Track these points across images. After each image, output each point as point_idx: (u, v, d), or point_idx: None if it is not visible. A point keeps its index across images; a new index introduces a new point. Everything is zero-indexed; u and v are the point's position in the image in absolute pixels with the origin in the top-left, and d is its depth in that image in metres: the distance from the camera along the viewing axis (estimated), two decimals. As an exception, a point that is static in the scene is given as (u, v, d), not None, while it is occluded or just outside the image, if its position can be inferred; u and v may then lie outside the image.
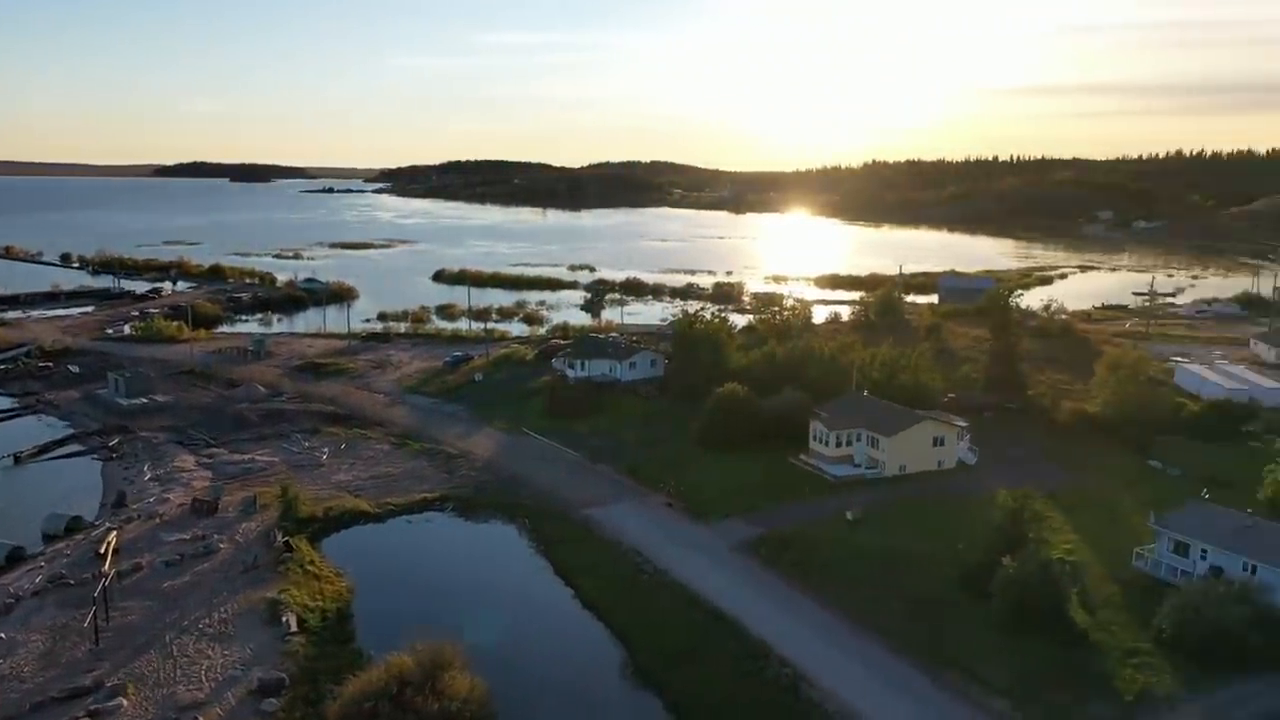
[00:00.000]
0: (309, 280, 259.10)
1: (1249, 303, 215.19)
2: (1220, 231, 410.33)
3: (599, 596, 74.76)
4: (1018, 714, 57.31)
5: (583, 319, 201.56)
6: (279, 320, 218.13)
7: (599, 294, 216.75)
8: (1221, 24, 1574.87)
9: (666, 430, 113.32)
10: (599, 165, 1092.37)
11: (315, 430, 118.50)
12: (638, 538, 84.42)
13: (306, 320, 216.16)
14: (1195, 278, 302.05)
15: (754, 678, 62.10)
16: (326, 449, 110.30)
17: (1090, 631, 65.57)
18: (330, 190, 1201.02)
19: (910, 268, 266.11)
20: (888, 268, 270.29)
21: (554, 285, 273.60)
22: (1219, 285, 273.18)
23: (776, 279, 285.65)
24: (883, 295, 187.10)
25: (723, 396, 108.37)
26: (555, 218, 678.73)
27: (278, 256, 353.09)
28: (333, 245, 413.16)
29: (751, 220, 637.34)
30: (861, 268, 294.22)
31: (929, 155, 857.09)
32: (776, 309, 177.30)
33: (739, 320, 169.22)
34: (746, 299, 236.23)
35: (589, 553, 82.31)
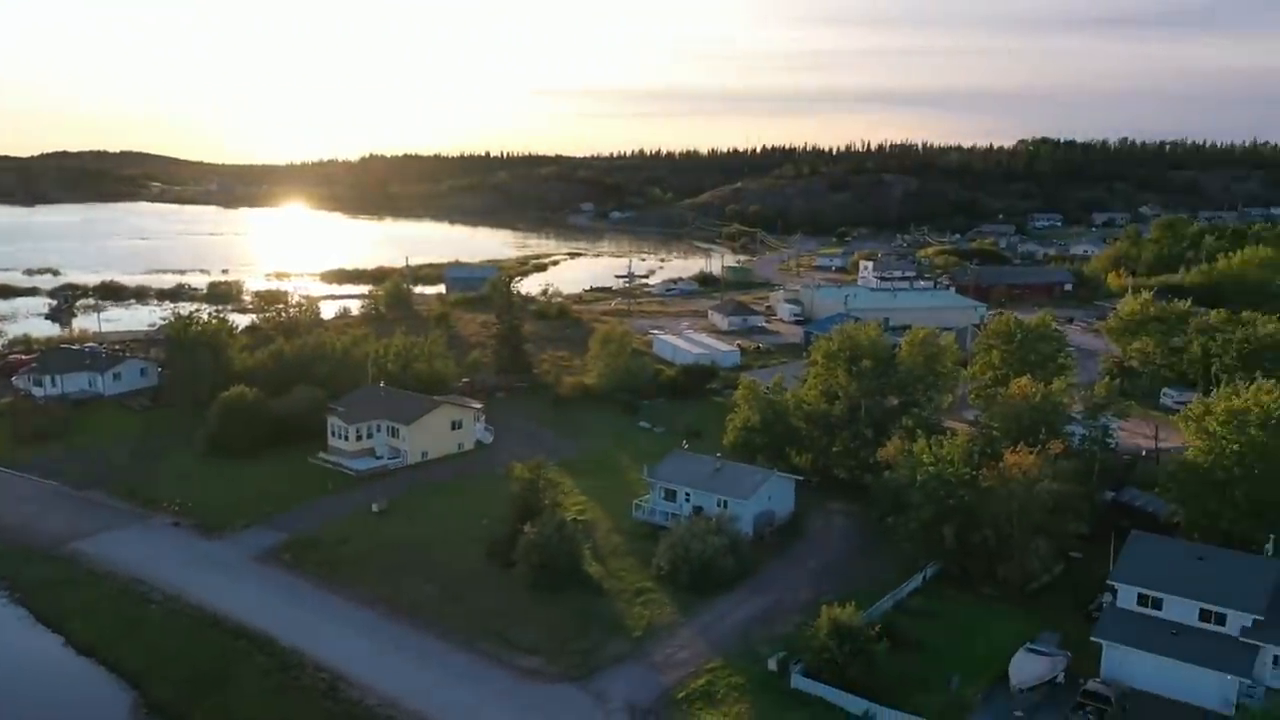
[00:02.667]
0: None
1: (705, 280, 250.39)
2: (678, 220, 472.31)
3: (97, 638, 66.57)
4: (549, 668, 61.81)
5: (50, 329, 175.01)
6: None
7: (68, 300, 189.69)
8: (681, 39, 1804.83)
9: (166, 443, 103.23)
10: (57, 155, 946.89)
11: None
12: (141, 565, 76.16)
13: None
14: (663, 260, 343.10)
15: (289, 689, 59.62)
16: None
17: (604, 581, 72.63)
18: None
19: (416, 260, 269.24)
20: (394, 260, 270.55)
21: (6, 293, 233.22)
22: (682, 266, 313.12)
23: (279, 275, 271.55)
24: (391, 287, 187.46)
25: (229, 401, 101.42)
26: (2, 214, 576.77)
27: None
28: None
29: (246, 215, 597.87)
30: (368, 261, 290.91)
31: (425, 151, 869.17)
32: (281, 306, 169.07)
33: (241, 320, 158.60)
34: (247, 298, 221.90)
35: (80, 592, 72.62)
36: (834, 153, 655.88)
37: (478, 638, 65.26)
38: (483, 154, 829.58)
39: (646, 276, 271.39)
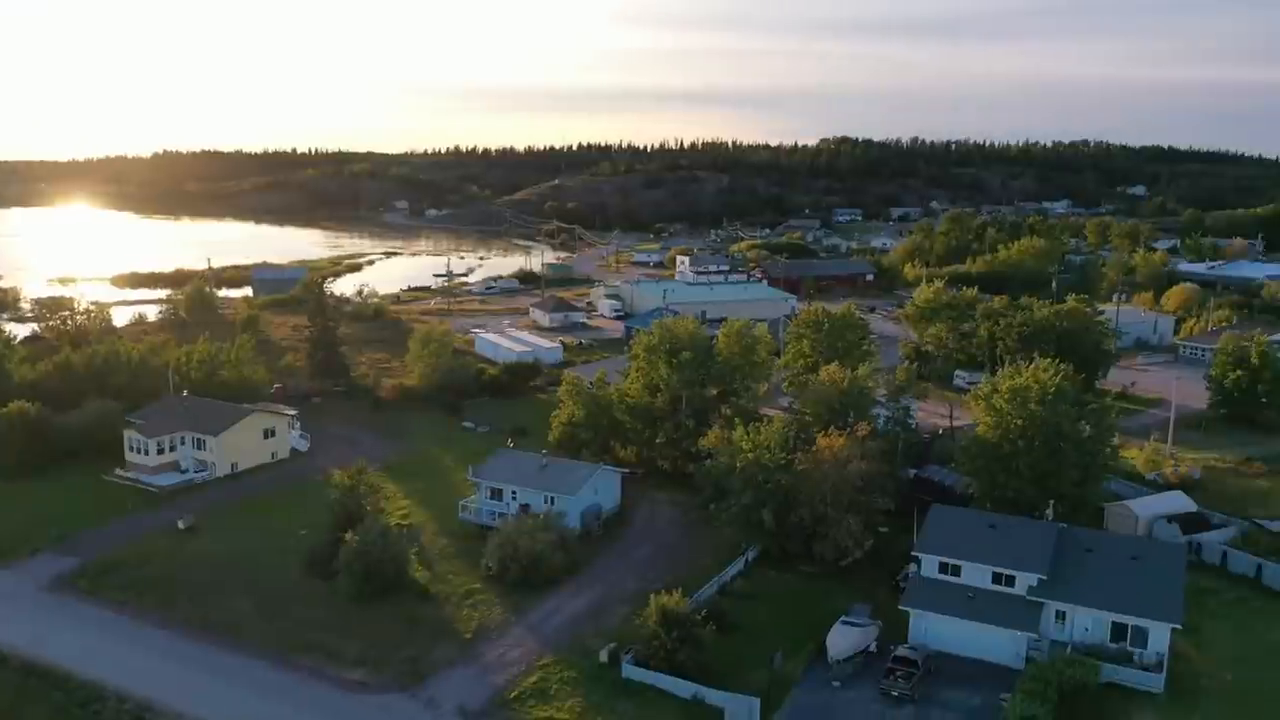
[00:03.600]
0: None
1: (525, 278, 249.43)
2: (497, 218, 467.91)
3: None
4: (376, 678, 60.14)
5: None
6: None
7: None
8: (500, 37, 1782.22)
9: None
10: None
11: None
12: (-92, 604, 68.73)
13: None
14: (482, 259, 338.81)
15: (90, 724, 55.39)
16: None
17: (431, 585, 71.30)
18: None
19: (220, 261, 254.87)
20: (195, 262, 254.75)
21: None
22: (501, 264, 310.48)
23: (64, 280, 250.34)
24: (193, 291, 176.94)
25: (8, 418, 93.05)
26: None
27: None
28: None
29: (19, 215, 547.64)
30: (165, 263, 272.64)
31: (226, 147, 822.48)
32: (67, 314, 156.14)
33: (19, 330, 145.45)
34: (26, 305, 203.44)
35: None
36: (649, 150, 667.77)
37: (298, 653, 62.66)
38: (289, 150, 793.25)
39: (466, 275, 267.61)
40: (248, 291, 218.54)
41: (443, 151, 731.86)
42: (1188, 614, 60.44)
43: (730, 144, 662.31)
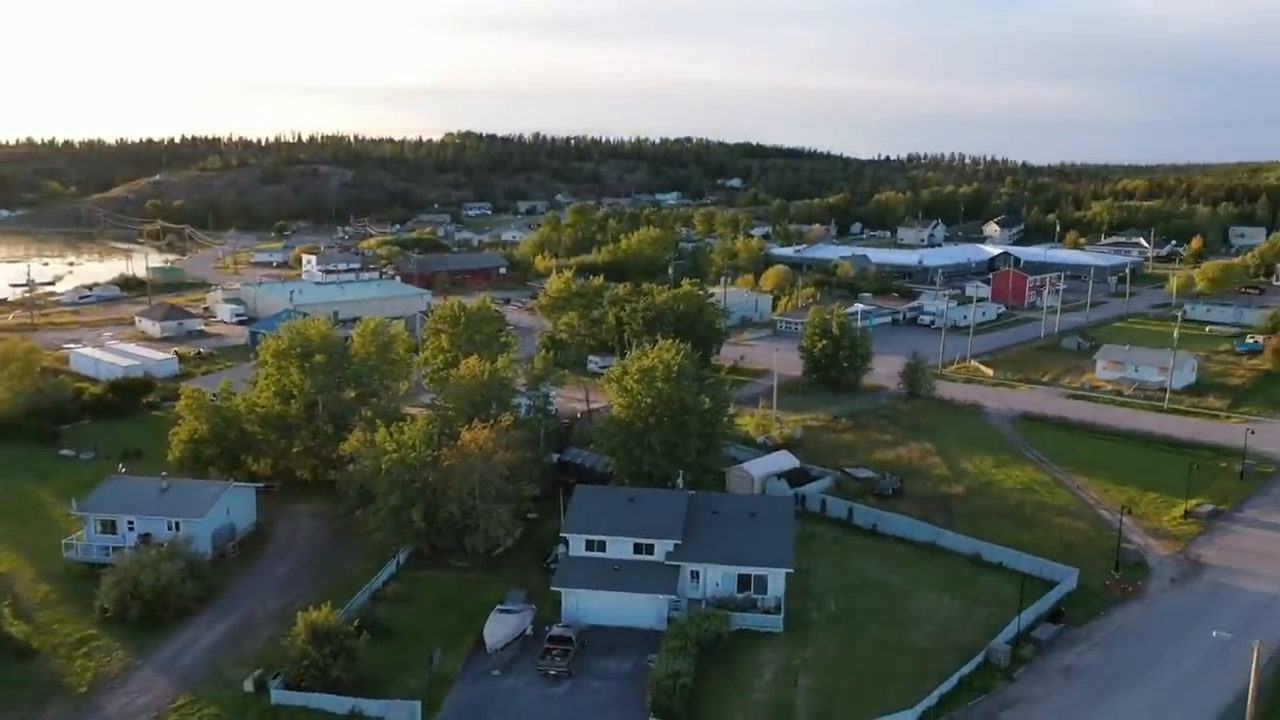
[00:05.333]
0: None
1: (127, 284, 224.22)
2: (88, 218, 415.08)
3: None
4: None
5: None
6: None
7: None
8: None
9: None
10: None
11: None
12: None
13: None
14: (72, 264, 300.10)
15: None
16: None
17: (33, 639, 62.45)
18: None
19: None
20: None
21: None
22: (97, 270, 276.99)
23: None
24: None
25: None
26: None
27: None
28: None
29: None
30: None
31: None
32: None
33: None
34: None
35: None
36: (263, 143, 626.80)
37: None
38: None
39: (53, 283, 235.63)
40: None
41: (12, 144, 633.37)
42: (798, 558, 68.41)
43: (353, 138, 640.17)
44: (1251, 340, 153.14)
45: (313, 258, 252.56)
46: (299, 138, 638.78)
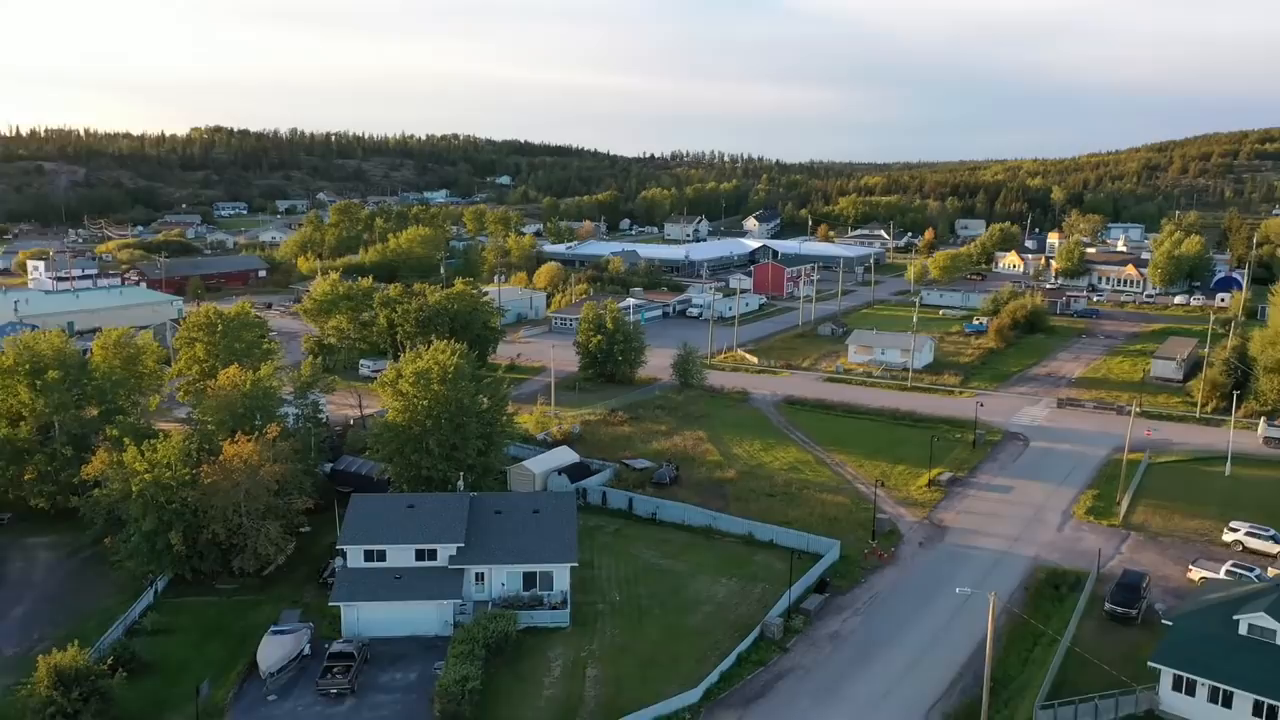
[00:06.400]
0: None
1: None
2: None
3: None
4: None
5: None
6: None
7: None
8: None
9: None
10: None
11: None
12: None
13: None
14: None
15: None
16: None
17: None
18: None
19: None
20: None
21: None
22: None
23: None
24: None
25: None
26: None
27: None
28: None
29: None
30: None
31: None
32: None
33: None
34: None
35: None
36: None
37: None
38: None
39: None
40: None
41: None
42: (582, 552, 69.24)
43: (84, 132, 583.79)
44: (977, 322, 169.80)
45: (41, 263, 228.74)
46: (17, 131, 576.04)
